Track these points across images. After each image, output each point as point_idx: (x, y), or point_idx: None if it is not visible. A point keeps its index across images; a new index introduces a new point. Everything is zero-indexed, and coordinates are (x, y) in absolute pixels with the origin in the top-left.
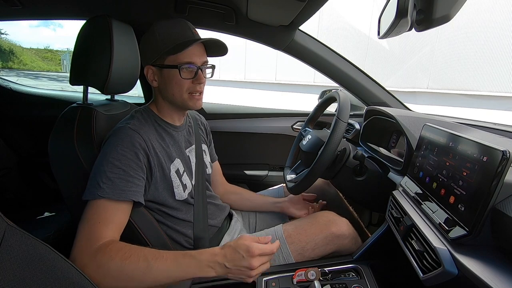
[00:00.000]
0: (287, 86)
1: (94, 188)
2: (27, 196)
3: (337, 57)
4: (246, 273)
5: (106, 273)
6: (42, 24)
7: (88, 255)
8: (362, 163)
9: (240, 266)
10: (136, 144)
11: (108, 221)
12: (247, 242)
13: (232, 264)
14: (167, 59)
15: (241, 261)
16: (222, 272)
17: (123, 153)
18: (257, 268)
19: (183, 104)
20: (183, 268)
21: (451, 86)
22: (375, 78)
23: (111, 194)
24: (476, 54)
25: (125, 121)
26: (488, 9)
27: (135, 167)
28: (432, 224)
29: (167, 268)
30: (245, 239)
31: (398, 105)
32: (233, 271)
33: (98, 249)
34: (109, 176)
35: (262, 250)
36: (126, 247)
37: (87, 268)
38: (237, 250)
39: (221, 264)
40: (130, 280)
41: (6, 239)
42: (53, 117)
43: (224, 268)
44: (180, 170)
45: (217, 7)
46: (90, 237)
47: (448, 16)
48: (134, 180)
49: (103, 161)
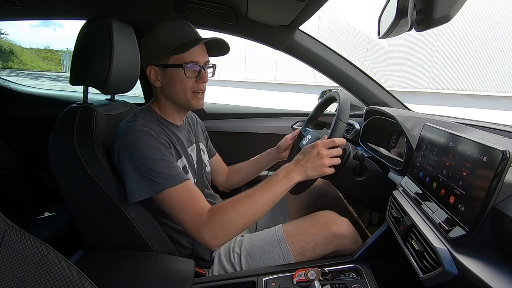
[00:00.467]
0: (287, 86)
1: (151, 185)
2: (27, 196)
3: (337, 57)
4: (320, 163)
5: (229, 223)
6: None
7: (207, 224)
8: (362, 163)
9: (312, 159)
10: (155, 136)
11: (192, 196)
12: (310, 144)
13: (305, 161)
14: (171, 59)
15: (310, 154)
16: (302, 172)
17: (153, 146)
18: (326, 156)
19: (187, 103)
20: (275, 185)
21: (451, 86)
22: (375, 78)
23: (168, 183)
24: (476, 54)
25: (131, 120)
26: (488, 9)
27: (168, 154)
28: (432, 224)
29: (267, 192)
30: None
31: (398, 105)
32: (309, 168)
33: (208, 216)
34: (156, 170)
35: (324, 142)
36: (226, 202)
37: (216, 230)
38: (304, 150)
39: (297, 166)
40: (248, 217)
41: (6, 239)
42: (53, 117)
43: (301, 168)
44: (186, 167)
45: (217, 7)
46: (196, 213)
47: (448, 16)
48: (175, 164)
49: (141, 161)
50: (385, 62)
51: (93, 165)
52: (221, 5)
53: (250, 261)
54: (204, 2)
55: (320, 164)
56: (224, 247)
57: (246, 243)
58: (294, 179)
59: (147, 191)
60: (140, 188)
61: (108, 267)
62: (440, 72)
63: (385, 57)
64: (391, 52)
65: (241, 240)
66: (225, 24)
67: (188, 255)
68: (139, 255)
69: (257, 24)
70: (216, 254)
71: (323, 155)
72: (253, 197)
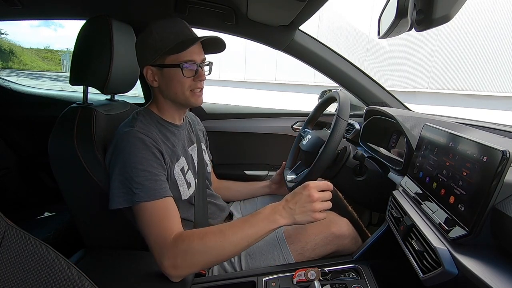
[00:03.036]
0: (287, 86)
1: (129, 195)
2: (27, 196)
3: (337, 57)
4: (310, 208)
5: (193, 255)
6: (43, 24)
7: (169, 250)
8: (362, 163)
9: (302, 202)
10: (149, 145)
11: (165, 216)
12: (301, 185)
13: (294, 203)
14: (167, 59)
15: (301, 197)
16: (289, 215)
17: (141, 155)
18: (317, 199)
19: (186, 101)
20: (254, 225)
21: (451, 86)
22: (375, 78)
23: (146, 197)
24: (476, 54)
25: (129, 124)
26: (488, 9)
27: (156, 166)
28: (432, 224)
29: (241, 231)
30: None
31: (398, 105)
32: (298, 212)
33: (174, 240)
34: (137, 180)
35: (316, 184)
36: (196, 231)
37: (177, 259)
38: (295, 191)
39: (285, 208)
40: (216, 253)
41: (6, 239)
42: (53, 117)
43: (289, 211)
44: (185, 168)
45: (217, 7)
46: (162, 235)
47: (448, 16)
48: (161, 178)
49: (126, 168)
50: (385, 62)
51: (93, 165)
52: (221, 5)
53: (250, 261)
54: (204, 2)
55: (311, 209)
56: None
57: None
58: (277, 223)
59: (125, 200)
60: (120, 195)
61: (108, 267)
62: (440, 72)
63: (385, 57)
64: (391, 52)
65: None
66: (225, 24)
67: None
68: (139, 255)
69: (257, 24)
70: None
71: (314, 198)
72: (226, 234)
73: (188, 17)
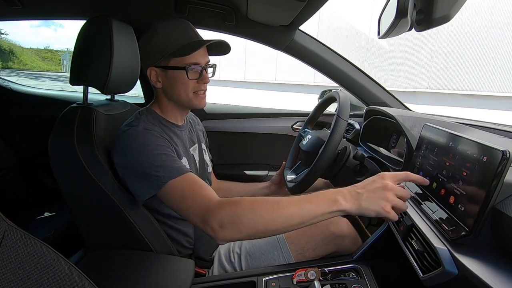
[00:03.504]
0: (287, 86)
1: (155, 181)
2: (27, 196)
3: (337, 57)
4: (382, 195)
5: (241, 218)
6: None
7: (215, 210)
8: (362, 163)
9: (372, 188)
10: (158, 136)
11: (198, 186)
12: (376, 175)
13: (363, 188)
14: (172, 61)
15: (372, 183)
16: (353, 199)
17: (154, 143)
18: (393, 189)
19: (189, 103)
20: (312, 202)
21: (451, 86)
22: (375, 78)
23: (170, 175)
24: (476, 54)
25: (132, 124)
26: (488, 9)
27: (171, 151)
28: (432, 224)
29: (298, 205)
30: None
31: (398, 105)
32: (365, 197)
33: (219, 204)
34: (157, 164)
35: (393, 173)
36: (244, 198)
37: (224, 219)
38: (368, 178)
39: (351, 192)
40: (264, 222)
41: (6, 239)
42: (53, 117)
43: (355, 195)
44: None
45: (217, 7)
46: (203, 200)
47: (448, 16)
48: (177, 159)
49: (142, 158)
50: (385, 62)
51: (93, 165)
52: (221, 5)
53: (250, 261)
54: (204, 2)
55: (382, 196)
56: (224, 247)
57: (246, 243)
58: (339, 205)
59: (152, 187)
60: (145, 186)
61: (108, 267)
62: (440, 72)
63: (385, 57)
64: (391, 52)
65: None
66: (225, 24)
67: (188, 255)
68: (139, 255)
69: (257, 24)
70: (216, 254)
71: (389, 186)
72: (280, 203)
73: (188, 17)
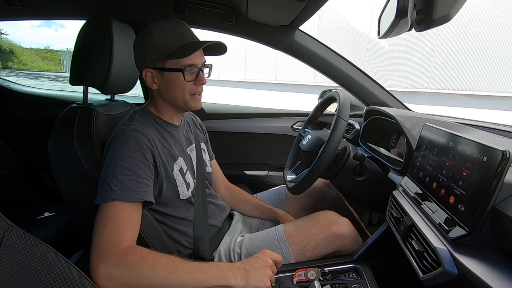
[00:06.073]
0: (287, 86)
1: (106, 192)
2: (27, 196)
3: (337, 57)
4: (265, 272)
5: (135, 274)
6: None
7: (117, 255)
8: (362, 163)
9: (258, 266)
10: (142, 145)
11: (127, 222)
12: (259, 252)
13: (250, 266)
14: (168, 62)
15: (257, 261)
16: (242, 276)
17: (130, 154)
18: (271, 266)
19: (185, 105)
20: (206, 272)
21: (451, 86)
22: (375, 78)
23: (123, 195)
24: (476, 54)
25: (126, 123)
26: (488, 9)
27: (144, 167)
28: (432, 224)
29: (193, 272)
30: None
31: (398, 105)
32: (252, 274)
33: (126, 250)
34: (119, 178)
35: (271, 253)
36: (153, 252)
37: (116, 270)
38: (252, 256)
39: (240, 269)
40: (156, 282)
41: (6, 239)
42: (53, 117)
43: (244, 272)
44: (183, 168)
45: (217, 7)
46: (114, 238)
47: (448, 16)
48: (144, 181)
49: (111, 164)
50: (385, 62)
51: (93, 165)
52: (221, 5)
53: None
54: (204, 2)
55: (266, 274)
56: (224, 247)
57: (247, 243)
58: (227, 281)
59: (102, 196)
60: (99, 191)
61: None
62: (440, 72)
63: (385, 57)
64: (391, 52)
65: (242, 240)
66: (225, 24)
67: (188, 255)
68: None
69: (257, 24)
70: (216, 254)
71: (269, 264)
72: (177, 268)
73: (188, 17)
